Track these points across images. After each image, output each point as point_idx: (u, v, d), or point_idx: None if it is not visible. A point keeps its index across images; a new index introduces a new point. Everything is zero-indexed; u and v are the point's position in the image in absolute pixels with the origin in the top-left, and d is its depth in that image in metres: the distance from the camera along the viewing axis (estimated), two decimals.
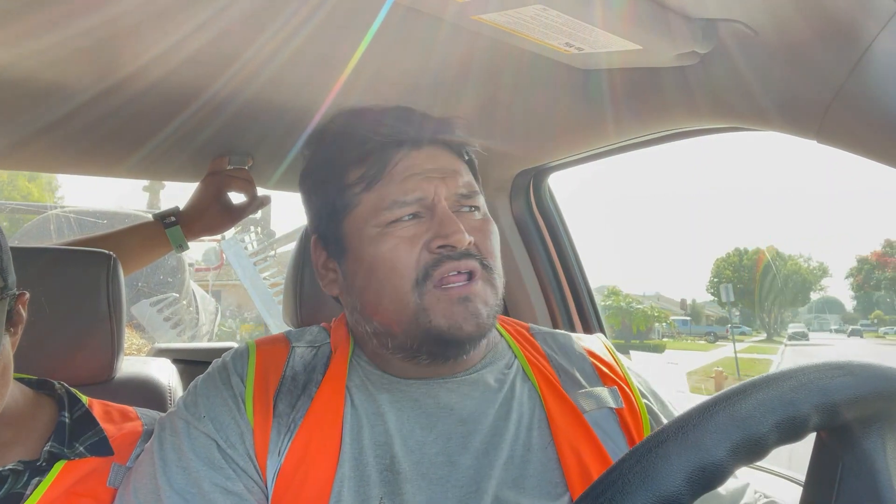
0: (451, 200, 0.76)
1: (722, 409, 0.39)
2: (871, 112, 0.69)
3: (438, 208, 0.75)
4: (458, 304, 0.72)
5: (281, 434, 0.72)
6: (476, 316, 0.73)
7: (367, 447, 0.72)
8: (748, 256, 41.13)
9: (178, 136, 1.14)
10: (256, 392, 0.76)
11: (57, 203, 17.12)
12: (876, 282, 42.57)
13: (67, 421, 0.80)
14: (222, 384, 0.77)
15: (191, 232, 1.30)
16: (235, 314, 11.61)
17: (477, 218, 0.78)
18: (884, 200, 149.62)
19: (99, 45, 0.82)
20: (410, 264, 0.73)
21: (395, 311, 0.74)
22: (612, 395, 0.81)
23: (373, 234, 0.75)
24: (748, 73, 0.81)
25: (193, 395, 0.78)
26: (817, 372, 0.42)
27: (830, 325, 52.61)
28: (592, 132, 1.16)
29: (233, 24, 0.79)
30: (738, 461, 0.39)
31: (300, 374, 0.79)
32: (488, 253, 0.76)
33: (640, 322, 24.83)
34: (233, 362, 0.80)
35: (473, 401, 0.77)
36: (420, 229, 0.74)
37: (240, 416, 0.74)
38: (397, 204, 0.75)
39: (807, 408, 0.40)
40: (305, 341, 0.84)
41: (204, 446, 0.72)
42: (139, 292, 6.51)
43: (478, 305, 0.73)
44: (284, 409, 0.74)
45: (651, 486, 0.37)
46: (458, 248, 0.73)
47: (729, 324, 36.29)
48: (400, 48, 0.91)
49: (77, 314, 1.03)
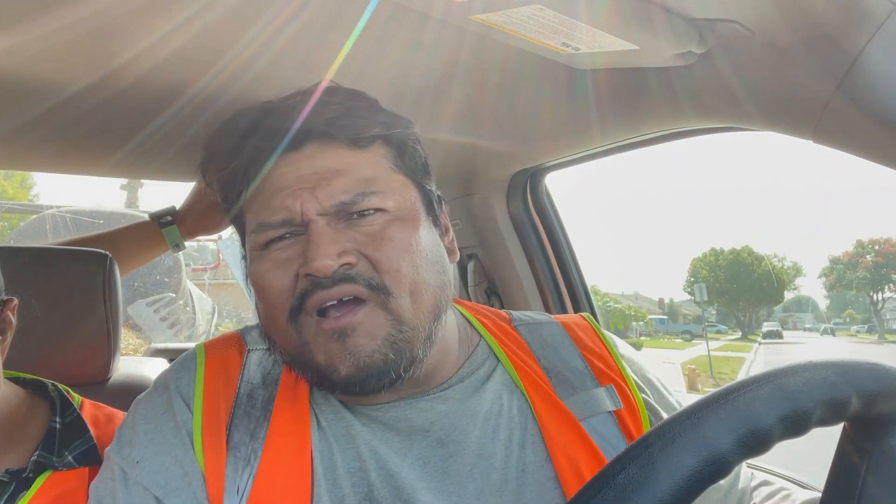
0: (333, 211, 0.64)
1: (772, 382, 0.42)
2: (868, 111, 0.69)
3: (309, 226, 0.63)
4: (333, 340, 0.61)
5: (238, 469, 0.62)
6: (353, 355, 0.60)
7: (341, 476, 0.63)
8: (723, 256, 41.41)
9: (161, 133, 1.12)
10: (205, 420, 0.64)
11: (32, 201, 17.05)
12: (848, 281, 42.88)
13: (59, 427, 0.78)
14: (163, 413, 0.66)
15: (188, 231, 1.29)
16: (232, 314, 11.58)
17: (372, 224, 0.64)
18: (856, 201, 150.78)
19: (80, 40, 0.81)
20: (283, 291, 0.63)
21: (282, 344, 0.65)
22: (608, 396, 0.72)
23: (254, 256, 0.67)
24: (745, 73, 0.81)
25: (131, 428, 0.67)
26: (858, 363, 0.45)
27: (804, 323, 53.07)
28: (590, 132, 1.16)
29: (218, 21, 0.79)
30: (785, 433, 0.41)
31: (258, 390, 0.67)
32: (385, 269, 0.62)
33: (617, 321, 24.94)
34: (176, 380, 0.69)
35: (451, 420, 0.67)
36: (295, 251, 0.64)
37: (184, 455, 0.63)
38: (262, 227, 0.65)
39: (847, 392, 0.43)
40: (263, 343, 0.71)
41: (140, 499, 0.61)
42: (135, 292, 6.49)
43: (357, 340, 0.61)
44: (241, 439, 0.63)
45: (702, 442, 0.39)
46: (318, 276, 0.61)
47: (704, 323, 36.54)
48: (390, 46, 0.90)
49: (73, 314, 1.03)
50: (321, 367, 0.62)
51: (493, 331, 0.78)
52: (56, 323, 1.01)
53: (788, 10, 0.71)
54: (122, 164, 1.28)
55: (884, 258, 42.33)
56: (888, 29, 0.66)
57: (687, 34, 0.78)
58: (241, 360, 0.70)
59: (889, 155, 0.72)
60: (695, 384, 13.21)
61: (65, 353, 1.02)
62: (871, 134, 0.71)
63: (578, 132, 1.19)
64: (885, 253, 42.39)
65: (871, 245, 43.37)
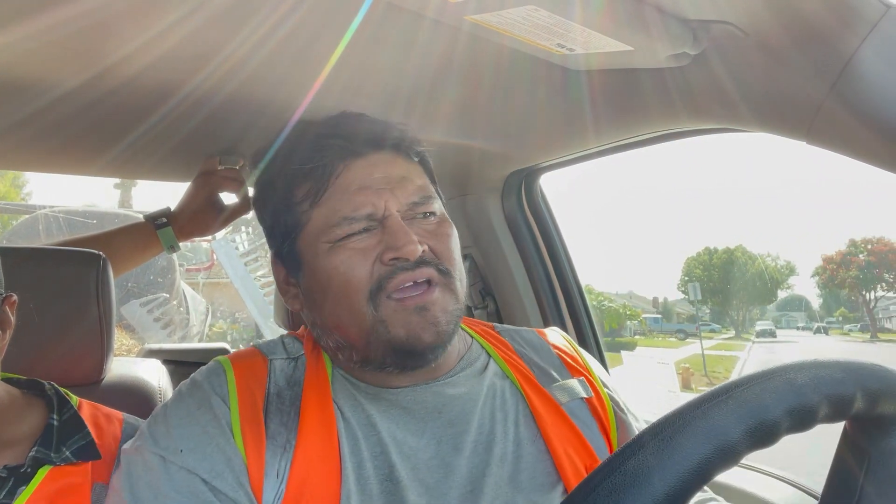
0: (404, 210, 0.76)
1: (781, 376, 0.43)
2: (861, 113, 0.70)
3: (390, 220, 0.74)
4: (416, 313, 0.72)
5: (277, 456, 0.69)
6: (435, 325, 0.72)
7: (366, 458, 0.71)
8: (717, 255, 41.61)
9: (154, 133, 1.12)
10: (243, 413, 0.71)
11: (24, 200, 16.95)
12: (840, 280, 43.19)
13: (56, 424, 0.79)
14: (199, 409, 0.72)
15: (182, 233, 1.29)
16: (226, 314, 11.56)
17: (432, 222, 0.78)
18: (849, 201, 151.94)
19: (72, 39, 0.81)
20: (364, 277, 0.73)
21: (354, 325, 0.74)
22: (581, 386, 0.83)
23: (325, 249, 0.75)
24: (739, 74, 0.81)
25: (165, 424, 0.71)
26: (863, 364, 0.46)
27: (798, 322, 53.44)
28: (585, 133, 1.17)
29: (211, 20, 0.78)
30: (792, 426, 0.42)
31: (285, 390, 0.75)
32: (445, 258, 0.76)
33: (612, 320, 25.03)
34: (208, 382, 0.75)
35: (459, 402, 0.77)
36: (372, 241, 0.74)
37: (226, 443, 0.69)
38: (347, 220, 0.74)
39: (853, 389, 0.44)
40: (281, 353, 0.81)
41: (185, 482, 0.66)
42: (129, 293, 6.47)
43: (436, 314, 0.73)
44: (277, 429, 0.71)
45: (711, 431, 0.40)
46: (411, 259, 0.72)
47: (698, 321, 36.72)
48: (384, 46, 0.90)
49: (66, 315, 1.02)
50: (400, 340, 0.72)
51: (481, 333, 0.89)
52: (49, 323, 1.00)
53: (782, 11, 0.71)
54: (114, 163, 1.27)
55: (876, 257, 42.58)
56: (881, 30, 0.67)
57: (681, 35, 0.78)
58: (266, 367, 0.78)
59: (882, 156, 0.72)
60: (689, 383, 13.26)
61: (58, 354, 1.01)
62: (864, 135, 0.71)
63: (573, 133, 1.20)
64: (877, 252, 42.64)
65: (863, 244, 43.62)
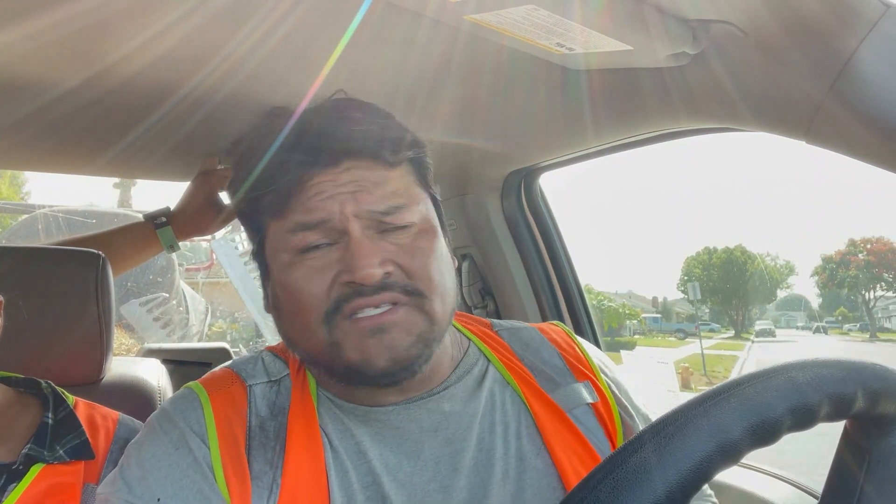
0: (368, 220, 0.67)
1: (782, 374, 0.44)
2: (860, 112, 0.70)
3: (350, 234, 0.66)
4: (370, 336, 0.64)
5: (263, 498, 0.64)
6: (391, 349, 0.64)
7: (356, 491, 0.66)
8: (717, 255, 41.61)
9: (153, 133, 1.12)
10: (224, 453, 0.66)
11: (24, 199, 16.91)
12: (840, 280, 43.19)
13: (51, 422, 0.79)
14: (177, 450, 0.66)
15: (182, 232, 1.29)
16: (226, 314, 11.55)
17: (407, 234, 0.69)
18: (848, 200, 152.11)
19: (71, 38, 0.81)
20: (319, 296, 0.66)
21: (310, 344, 0.68)
22: (586, 390, 0.77)
23: (286, 261, 0.68)
24: (738, 73, 0.81)
25: (140, 468, 0.65)
26: (864, 363, 0.47)
27: (797, 322, 53.41)
28: (584, 132, 1.17)
29: (210, 19, 0.78)
30: (794, 425, 0.43)
31: (267, 421, 0.69)
32: (419, 276, 0.67)
33: (611, 319, 25.03)
34: (184, 417, 0.69)
35: (456, 418, 0.71)
36: (332, 258, 0.66)
37: (208, 489, 0.64)
38: (300, 226, 0.67)
39: (854, 389, 0.44)
40: (262, 375, 0.74)
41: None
42: (128, 292, 6.46)
43: (394, 336, 0.65)
44: (262, 469, 0.65)
45: (713, 429, 0.40)
46: (367, 284, 0.64)
47: (698, 321, 36.71)
48: (383, 45, 0.90)
49: (66, 314, 1.02)
50: (353, 364, 0.65)
51: (478, 334, 0.82)
52: (48, 323, 1.00)
53: (782, 11, 0.71)
54: (113, 163, 1.27)
55: (876, 257, 42.59)
56: (880, 30, 0.67)
57: (680, 35, 0.78)
58: (246, 396, 0.72)
59: (881, 155, 0.72)
60: (688, 383, 13.27)
61: (57, 354, 1.01)
62: (864, 135, 0.71)
63: (572, 132, 1.20)
64: (877, 252, 42.65)
65: (863, 244, 43.63)
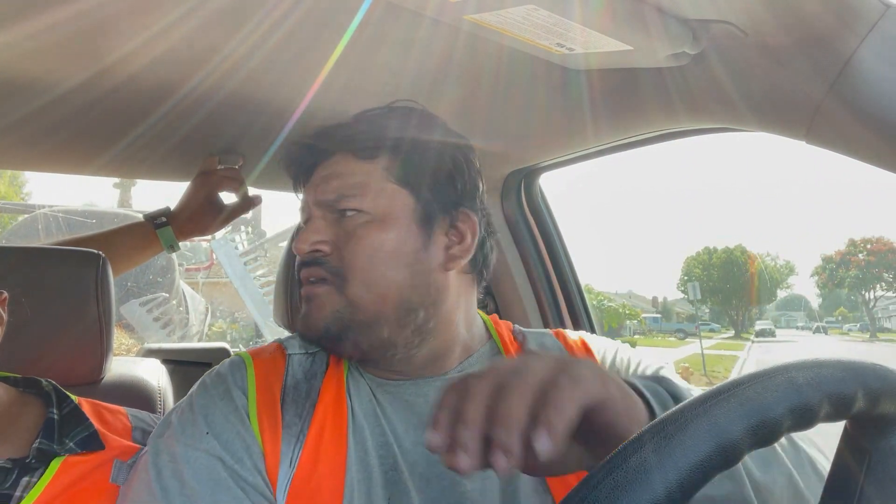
0: (322, 205, 0.80)
1: (782, 374, 0.44)
2: (860, 112, 0.70)
3: (310, 217, 0.81)
4: (304, 303, 0.79)
5: (291, 444, 0.72)
6: (306, 318, 0.78)
7: (370, 449, 0.73)
8: (717, 255, 41.61)
9: (153, 132, 1.12)
10: (261, 404, 0.75)
11: (24, 199, 16.91)
12: (840, 280, 43.16)
13: (56, 417, 0.79)
14: (221, 398, 0.75)
15: (182, 232, 1.29)
16: (226, 313, 11.54)
17: (351, 222, 0.78)
18: (849, 200, 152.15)
19: (71, 38, 0.81)
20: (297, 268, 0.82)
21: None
22: None
23: None
24: (738, 73, 0.81)
25: (190, 412, 0.75)
26: (864, 363, 0.46)
27: (797, 322, 53.34)
28: (584, 132, 1.17)
29: (210, 19, 0.78)
30: (794, 425, 0.42)
31: (301, 383, 0.79)
32: (346, 261, 0.77)
33: (611, 319, 25.02)
34: (231, 375, 0.78)
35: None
36: None
37: (245, 431, 0.72)
38: (300, 211, 0.84)
39: (854, 389, 0.44)
40: (299, 347, 0.84)
41: (207, 467, 0.69)
42: (128, 292, 6.47)
43: (311, 308, 0.78)
44: (292, 419, 0.74)
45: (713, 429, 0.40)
46: (298, 255, 0.79)
47: (698, 321, 36.69)
48: (383, 45, 0.90)
49: (66, 315, 1.02)
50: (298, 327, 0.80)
51: (501, 335, 0.89)
52: (48, 323, 1.00)
53: (781, 11, 0.71)
54: (113, 163, 1.27)
55: (876, 257, 42.58)
56: (880, 30, 0.67)
57: (680, 35, 0.78)
58: (285, 361, 0.81)
59: (881, 155, 0.72)
60: (688, 383, 13.24)
61: (57, 354, 1.01)
62: (864, 135, 0.71)
63: (572, 133, 1.20)
64: (877, 252, 42.65)
65: (863, 244, 43.64)
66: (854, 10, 0.67)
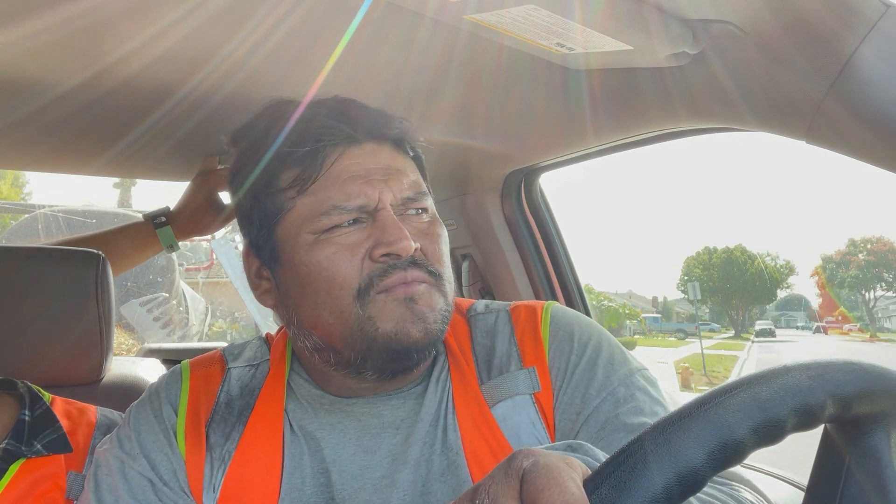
0: (396, 204, 0.70)
1: (744, 391, 0.41)
2: (860, 112, 0.70)
3: (382, 213, 0.68)
4: (405, 305, 0.67)
5: (214, 468, 0.69)
6: (423, 319, 0.67)
7: (307, 477, 0.69)
8: (717, 255, 41.60)
9: (153, 132, 1.12)
10: (188, 423, 0.72)
11: (25, 199, 16.92)
12: (840, 280, 43.13)
13: (28, 419, 0.79)
14: (154, 416, 0.74)
15: (181, 232, 1.29)
16: (226, 313, 11.54)
17: (424, 221, 0.72)
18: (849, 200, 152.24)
19: (71, 38, 0.81)
20: (352, 274, 0.67)
21: (337, 324, 0.68)
22: (528, 378, 0.73)
23: (309, 241, 0.68)
24: (738, 73, 0.81)
25: (127, 427, 0.74)
26: (831, 366, 0.44)
27: (797, 321, 53.26)
28: (584, 132, 1.17)
29: (211, 19, 0.78)
30: (758, 442, 0.40)
31: (235, 400, 0.74)
32: (436, 259, 0.71)
33: (611, 319, 25.02)
34: (165, 389, 0.76)
35: (413, 415, 0.72)
36: (361, 236, 0.68)
37: (171, 452, 0.71)
38: (337, 210, 0.68)
39: (822, 397, 0.42)
40: (244, 359, 0.79)
41: (140, 487, 0.69)
42: (128, 292, 6.47)
43: (423, 308, 0.67)
44: (217, 440, 0.71)
45: (672, 457, 0.38)
46: (403, 256, 0.67)
47: (698, 321, 36.66)
48: (383, 45, 0.90)
49: (66, 314, 1.02)
50: (389, 335, 0.66)
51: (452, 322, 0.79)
52: (48, 323, 1.00)
53: (782, 11, 0.71)
54: (113, 163, 1.27)
55: (876, 257, 42.61)
56: (880, 30, 0.67)
57: (681, 35, 0.78)
58: (222, 375, 0.77)
59: (880, 155, 0.72)
60: (688, 383, 13.27)
61: (57, 354, 1.01)
62: (864, 135, 0.71)
63: (572, 132, 1.20)
64: (877, 252, 42.68)
65: (863, 244, 43.67)
66: (854, 9, 0.67)
